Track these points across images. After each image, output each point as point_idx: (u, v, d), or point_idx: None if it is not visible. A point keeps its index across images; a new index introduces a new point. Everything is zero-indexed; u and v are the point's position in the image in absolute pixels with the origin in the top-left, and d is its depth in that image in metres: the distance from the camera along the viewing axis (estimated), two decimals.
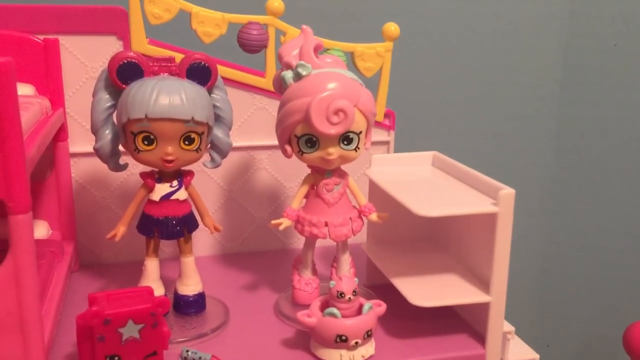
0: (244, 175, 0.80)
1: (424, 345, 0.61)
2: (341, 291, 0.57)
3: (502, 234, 0.57)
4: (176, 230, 0.61)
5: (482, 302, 0.59)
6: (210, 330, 0.61)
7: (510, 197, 0.57)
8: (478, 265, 0.63)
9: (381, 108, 0.81)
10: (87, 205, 0.76)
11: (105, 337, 0.52)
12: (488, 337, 0.60)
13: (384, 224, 0.69)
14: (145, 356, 0.54)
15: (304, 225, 0.63)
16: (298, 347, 0.60)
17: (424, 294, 0.60)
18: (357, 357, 0.57)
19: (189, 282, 0.64)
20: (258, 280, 0.74)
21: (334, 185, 0.63)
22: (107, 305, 0.53)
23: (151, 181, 0.61)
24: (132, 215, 0.62)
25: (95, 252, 0.78)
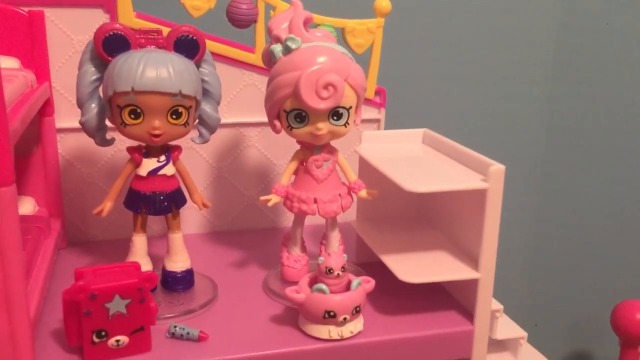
0: (233, 153, 0.80)
1: (413, 321, 0.61)
2: (330, 267, 0.57)
3: (491, 210, 0.57)
4: (164, 206, 0.61)
5: (471, 278, 0.59)
6: (198, 307, 0.61)
7: (500, 173, 0.57)
8: (467, 242, 0.63)
9: (372, 85, 0.80)
10: (75, 181, 0.75)
11: (92, 312, 0.52)
12: (476, 313, 0.60)
13: (374, 201, 0.69)
14: (132, 331, 0.53)
15: (293, 202, 0.63)
16: (287, 323, 0.60)
17: (413, 271, 0.60)
18: (346, 332, 0.57)
19: (177, 258, 0.64)
20: (247, 257, 0.74)
21: (323, 162, 0.63)
22: (93, 280, 0.52)
23: (138, 156, 0.60)
24: (118, 190, 0.61)
25: (82, 229, 0.77)
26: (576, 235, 1.10)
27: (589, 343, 1.14)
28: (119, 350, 0.53)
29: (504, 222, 0.59)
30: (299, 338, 0.57)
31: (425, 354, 0.60)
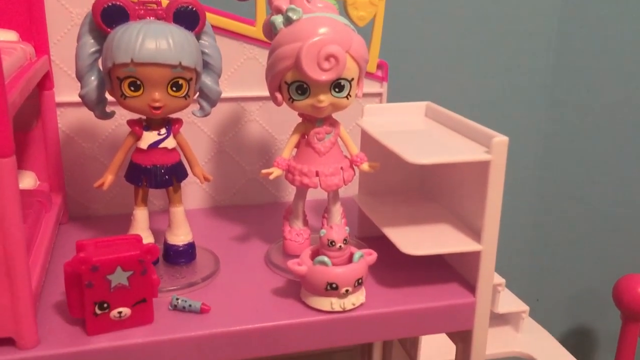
0: (235, 127, 0.79)
1: (415, 294, 0.61)
2: (332, 239, 0.57)
3: (494, 182, 0.57)
4: (165, 179, 0.60)
5: (473, 250, 0.59)
6: (200, 280, 0.61)
7: (503, 144, 0.56)
8: (470, 215, 0.62)
9: (374, 59, 0.79)
10: (75, 156, 0.75)
11: (94, 283, 0.52)
12: (478, 285, 0.60)
13: (376, 174, 0.69)
14: (134, 303, 0.53)
15: (295, 175, 0.63)
16: (289, 295, 0.60)
17: (415, 243, 0.60)
18: (348, 304, 0.57)
19: (179, 232, 0.63)
20: (248, 232, 0.74)
21: (325, 134, 0.62)
22: (95, 252, 0.52)
23: (139, 129, 0.60)
24: (119, 163, 0.61)
25: (84, 204, 0.77)
26: (578, 209, 1.10)
27: (591, 318, 1.15)
28: (121, 322, 0.53)
29: (506, 196, 0.59)
30: (301, 310, 0.57)
31: (427, 326, 0.60)
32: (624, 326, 0.93)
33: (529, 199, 1.09)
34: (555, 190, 1.09)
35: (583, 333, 1.15)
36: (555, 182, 1.08)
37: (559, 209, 1.10)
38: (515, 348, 0.84)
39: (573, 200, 1.09)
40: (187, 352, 0.54)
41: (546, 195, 1.09)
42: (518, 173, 1.05)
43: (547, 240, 1.11)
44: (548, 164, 1.08)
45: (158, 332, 0.54)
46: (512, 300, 0.87)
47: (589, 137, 1.07)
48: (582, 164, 1.08)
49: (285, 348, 0.57)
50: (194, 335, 0.54)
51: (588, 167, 1.09)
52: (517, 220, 1.09)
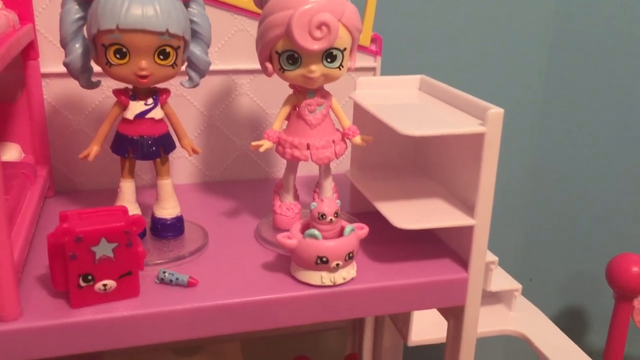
0: (225, 101, 0.78)
1: (407, 269, 0.60)
2: (322, 212, 0.56)
3: (489, 154, 0.56)
4: (152, 150, 0.59)
5: (466, 225, 0.58)
6: (188, 253, 0.60)
7: (498, 116, 0.55)
8: (464, 190, 0.61)
9: (367, 32, 0.77)
10: (61, 129, 0.73)
11: (78, 255, 0.50)
12: (471, 261, 0.59)
13: (368, 149, 0.68)
14: (119, 276, 0.52)
15: (285, 148, 0.61)
16: (278, 270, 0.59)
17: (408, 218, 0.59)
18: (338, 279, 0.56)
19: (167, 205, 0.62)
20: (239, 207, 0.72)
21: (316, 106, 0.61)
22: (78, 223, 0.51)
23: (125, 98, 0.58)
24: (105, 134, 0.59)
25: (70, 178, 0.75)
26: (572, 189, 1.09)
27: (584, 298, 1.14)
28: (106, 294, 0.52)
29: (500, 177, 0.58)
30: (291, 284, 0.56)
31: (418, 302, 0.59)
32: (617, 305, 0.93)
33: (523, 179, 1.08)
34: (548, 170, 1.08)
35: (575, 313, 1.15)
36: (549, 161, 1.07)
37: (552, 189, 1.09)
38: (508, 327, 0.83)
39: (566, 180, 1.08)
40: (173, 325, 0.53)
41: (539, 174, 1.08)
42: (512, 153, 1.04)
43: (541, 220, 1.10)
44: (541, 142, 1.07)
45: (144, 305, 0.53)
46: (504, 278, 0.86)
47: (583, 116, 1.06)
48: (576, 143, 1.07)
49: (274, 322, 0.56)
50: (180, 308, 0.53)
51: (583, 146, 1.07)
52: (511, 200, 1.08)
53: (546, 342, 0.81)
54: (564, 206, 1.10)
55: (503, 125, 0.56)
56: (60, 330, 0.50)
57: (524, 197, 1.09)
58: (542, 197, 1.09)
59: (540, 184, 1.08)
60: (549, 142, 1.06)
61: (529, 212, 1.10)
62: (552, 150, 1.07)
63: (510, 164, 1.04)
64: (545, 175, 1.08)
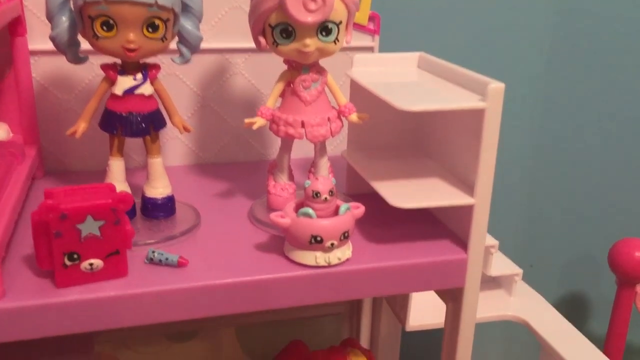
0: (219, 81, 0.76)
1: (404, 250, 0.58)
2: (317, 190, 0.54)
3: (489, 131, 0.54)
4: (141, 127, 0.57)
5: (466, 204, 0.56)
6: (179, 233, 0.58)
7: (499, 91, 0.53)
8: (464, 169, 0.59)
9: (365, 10, 0.75)
10: (50, 108, 0.72)
11: (63, 233, 0.49)
12: (471, 241, 0.57)
13: (366, 129, 0.66)
14: (106, 255, 0.51)
15: (279, 125, 0.59)
16: (272, 250, 0.57)
17: (405, 196, 0.57)
18: (333, 259, 0.54)
19: (157, 184, 0.60)
20: (232, 188, 0.71)
21: (311, 82, 0.59)
22: (64, 200, 0.49)
23: (113, 73, 0.56)
24: (93, 110, 0.57)
25: (60, 159, 0.74)
26: (574, 172, 1.07)
27: (585, 284, 1.13)
28: (92, 274, 0.50)
29: (500, 159, 0.56)
30: (285, 265, 0.55)
31: (416, 283, 0.57)
32: (619, 291, 0.91)
33: (524, 162, 1.06)
34: (549, 153, 1.06)
35: (577, 299, 1.13)
36: (551, 144, 1.05)
37: (554, 171, 1.07)
38: (508, 312, 0.82)
39: (569, 163, 1.06)
40: (162, 306, 0.51)
41: (540, 158, 1.06)
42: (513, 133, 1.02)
43: (542, 204, 1.08)
44: (543, 125, 1.04)
45: (132, 285, 0.51)
46: (505, 263, 0.84)
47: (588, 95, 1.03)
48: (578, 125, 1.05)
49: (267, 304, 0.54)
50: (169, 289, 0.51)
51: (585, 129, 1.05)
52: (511, 184, 1.06)
53: (547, 328, 0.79)
54: (566, 190, 1.08)
55: (504, 105, 0.54)
56: (45, 311, 0.49)
57: (525, 181, 1.07)
58: (544, 181, 1.07)
59: (541, 168, 1.06)
60: (550, 124, 1.04)
61: (529, 196, 1.08)
62: (554, 132, 1.05)
63: (510, 146, 1.02)
64: (546, 159, 1.06)
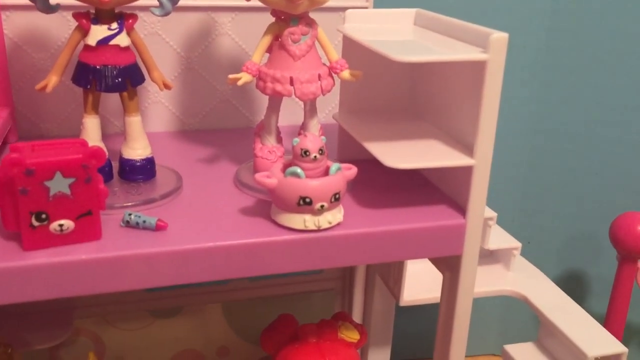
0: (204, 41, 0.71)
1: (399, 214, 0.55)
2: (305, 149, 0.50)
3: (491, 85, 0.50)
4: (117, 81, 0.53)
5: (465, 165, 0.53)
6: (159, 197, 0.54)
7: (502, 42, 0.49)
8: (463, 130, 0.56)
9: None
10: (24, 68, 0.67)
11: (29, 190, 0.45)
12: (470, 206, 0.54)
13: (359, 90, 0.62)
14: (78, 216, 0.47)
15: (266, 82, 0.56)
16: (258, 214, 0.53)
17: (400, 157, 0.53)
18: (323, 222, 0.50)
19: (136, 145, 0.57)
20: (218, 154, 0.67)
21: (300, 35, 0.55)
22: (30, 154, 0.45)
23: (86, 22, 0.52)
24: (65, 63, 0.53)
25: (36, 123, 0.69)
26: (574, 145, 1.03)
27: (585, 260, 1.10)
28: (63, 236, 0.47)
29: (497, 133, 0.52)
30: (271, 229, 0.51)
31: (411, 250, 0.54)
32: (620, 267, 0.88)
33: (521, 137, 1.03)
34: (548, 127, 1.02)
35: (576, 276, 1.10)
36: (550, 117, 1.02)
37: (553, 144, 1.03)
38: (507, 287, 0.78)
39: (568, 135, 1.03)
40: (138, 271, 0.48)
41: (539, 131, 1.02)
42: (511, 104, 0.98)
43: (540, 180, 1.05)
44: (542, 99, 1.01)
45: (105, 248, 0.47)
46: (503, 236, 0.81)
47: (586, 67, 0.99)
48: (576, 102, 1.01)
49: (251, 270, 0.50)
50: (146, 252, 0.47)
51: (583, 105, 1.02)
52: (510, 159, 1.03)
53: (546, 303, 0.76)
54: (565, 163, 1.04)
55: (505, 65, 0.51)
56: (11, 275, 0.45)
57: (524, 155, 1.04)
58: (543, 154, 1.04)
59: (541, 140, 1.03)
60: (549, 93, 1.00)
61: (527, 171, 1.04)
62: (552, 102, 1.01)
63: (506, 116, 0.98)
64: (545, 131, 1.02)
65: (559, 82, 1.00)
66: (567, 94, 1.01)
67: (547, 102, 1.01)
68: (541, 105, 1.01)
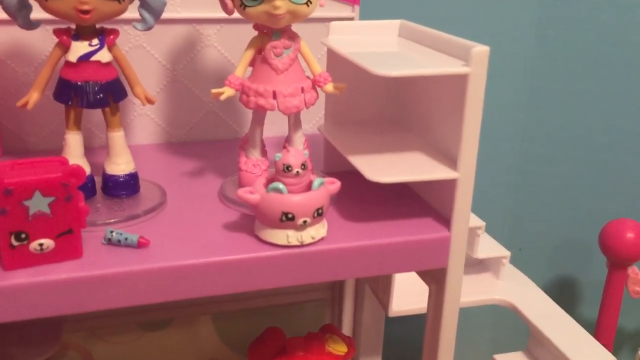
0: (190, 53, 0.71)
1: (384, 228, 0.54)
2: (288, 164, 0.50)
3: (473, 98, 0.50)
4: (98, 97, 0.53)
5: (449, 178, 0.53)
6: (142, 212, 0.54)
7: (483, 55, 0.49)
8: (446, 142, 0.56)
9: None
10: (8, 82, 0.67)
11: (8, 210, 0.44)
12: (454, 219, 0.53)
13: (344, 103, 0.62)
14: (58, 234, 0.46)
15: (250, 96, 0.55)
16: (242, 230, 0.53)
17: (384, 171, 0.53)
18: (306, 238, 0.50)
19: (119, 160, 0.56)
20: (204, 167, 0.67)
21: (283, 49, 0.55)
22: (9, 174, 0.45)
23: (66, 38, 0.52)
24: (46, 79, 0.53)
25: (20, 137, 0.69)
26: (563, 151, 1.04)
27: (575, 267, 1.10)
28: (43, 255, 0.46)
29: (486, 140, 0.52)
30: (254, 244, 0.51)
31: (396, 264, 0.54)
32: (610, 274, 0.88)
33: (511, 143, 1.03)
34: (538, 133, 1.02)
35: (566, 283, 1.10)
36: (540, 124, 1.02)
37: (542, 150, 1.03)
38: (496, 295, 0.78)
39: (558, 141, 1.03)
40: (121, 290, 0.47)
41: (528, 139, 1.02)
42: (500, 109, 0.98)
43: (530, 187, 1.05)
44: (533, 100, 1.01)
45: (86, 267, 0.47)
46: (492, 245, 0.81)
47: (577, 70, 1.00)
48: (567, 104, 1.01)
49: (234, 287, 0.50)
50: (128, 270, 0.47)
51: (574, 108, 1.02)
52: (499, 165, 1.03)
53: (536, 312, 0.76)
54: (556, 170, 1.04)
55: (490, 76, 0.51)
56: None
57: (513, 162, 1.04)
58: (533, 161, 1.04)
59: (530, 148, 1.03)
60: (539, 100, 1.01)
61: (517, 177, 1.05)
62: (542, 108, 1.01)
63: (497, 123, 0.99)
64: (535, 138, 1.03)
65: (549, 88, 1.01)
66: (557, 100, 1.01)
67: (537, 109, 1.01)
68: (531, 112, 1.01)
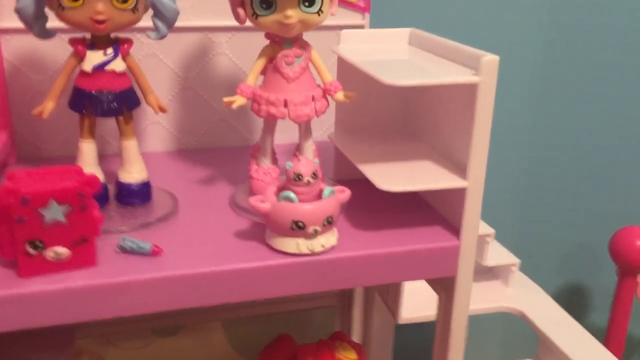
0: (202, 61, 0.72)
1: (393, 236, 0.55)
2: (299, 173, 0.50)
3: (483, 107, 0.50)
4: (112, 106, 0.54)
5: (458, 187, 0.53)
6: (155, 220, 0.55)
7: (493, 64, 0.50)
8: (456, 151, 0.56)
9: None
10: (23, 90, 0.68)
11: (25, 219, 0.45)
12: (463, 228, 0.54)
13: (354, 111, 0.63)
14: (73, 243, 0.47)
15: (261, 104, 0.56)
16: (253, 238, 0.53)
17: (394, 179, 0.54)
18: (317, 246, 0.51)
19: (132, 169, 0.57)
20: (215, 175, 0.67)
21: (294, 58, 0.55)
22: (25, 183, 0.46)
23: (82, 48, 0.53)
24: (61, 88, 0.54)
25: (35, 144, 0.70)
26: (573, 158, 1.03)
27: (585, 275, 1.09)
28: (58, 263, 0.47)
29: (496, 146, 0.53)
30: (265, 253, 0.51)
31: (405, 272, 0.54)
32: (620, 281, 0.88)
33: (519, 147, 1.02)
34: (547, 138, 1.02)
35: (576, 290, 1.10)
36: (549, 130, 1.02)
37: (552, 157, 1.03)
38: (505, 303, 0.78)
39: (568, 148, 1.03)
40: (134, 297, 0.48)
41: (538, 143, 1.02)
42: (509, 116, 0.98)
43: (539, 192, 1.05)
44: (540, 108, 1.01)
45: (101, 275, 0.48)
46: (501, 252, 0.81)
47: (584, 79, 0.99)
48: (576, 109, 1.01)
49: (245, 295, 0.51)
50: (141, 278, 0.48)
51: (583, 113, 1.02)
52: (509, 171, 1.03)
53: (546, 320, 0.76)
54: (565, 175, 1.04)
55: (499, 84, 0.51)
56: (7, 302, 0.45)
57: (523, 169, 1.04)
58: (542, 168, 1.04)
59: (540, 154, 1.03)
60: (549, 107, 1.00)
61: (527, 183, 1.04)
62: (551, 114, 1.01)
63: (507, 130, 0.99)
64: (545, 144, 1.02)
65: (557, 94, 1.00)
66: (566, 105, 1.01)
67: (546, 115, 1.01)
68: (540, 118, 1.01)
